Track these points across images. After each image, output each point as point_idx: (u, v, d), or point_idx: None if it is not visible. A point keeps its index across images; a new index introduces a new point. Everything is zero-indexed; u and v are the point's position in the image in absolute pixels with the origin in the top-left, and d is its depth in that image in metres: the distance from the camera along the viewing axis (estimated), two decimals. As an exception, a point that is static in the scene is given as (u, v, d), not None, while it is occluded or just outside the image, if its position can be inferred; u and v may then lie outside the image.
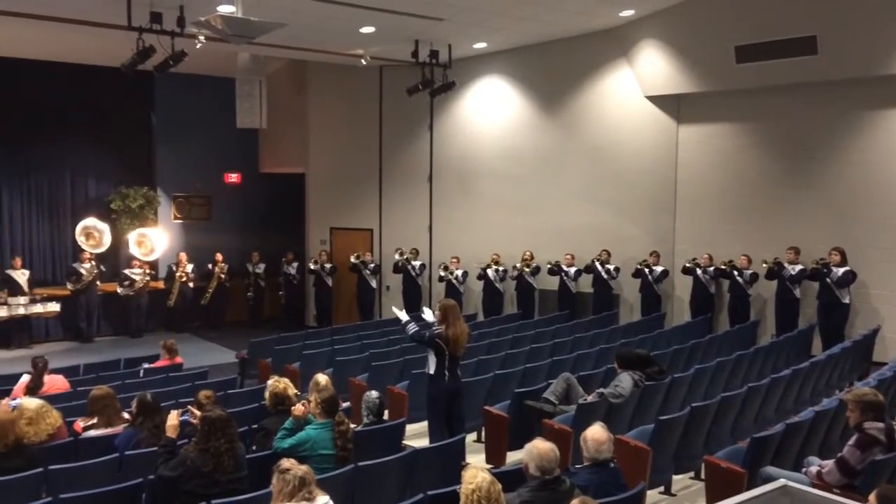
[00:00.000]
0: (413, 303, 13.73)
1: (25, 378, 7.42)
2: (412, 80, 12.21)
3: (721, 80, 10.72)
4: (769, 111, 10.76)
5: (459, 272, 13.07)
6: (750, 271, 10.68)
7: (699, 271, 11.14)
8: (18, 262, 12.70)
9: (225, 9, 8.82)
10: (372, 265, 14.03)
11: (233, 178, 15.74)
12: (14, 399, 6.56)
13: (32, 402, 5.65)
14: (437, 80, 12.17)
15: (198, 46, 10.29)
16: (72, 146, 14.05)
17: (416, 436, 7.08)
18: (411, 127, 14.15)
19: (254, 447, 5.60)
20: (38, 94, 13.28)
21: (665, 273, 11.48)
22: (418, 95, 12.39)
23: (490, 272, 12.81)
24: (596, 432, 4.36)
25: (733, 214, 11.16)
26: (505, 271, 12.84)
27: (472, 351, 8.33)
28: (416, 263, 13.67)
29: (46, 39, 11.44)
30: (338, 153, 14.75)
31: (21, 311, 12.30)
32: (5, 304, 12.17)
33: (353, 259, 13.86)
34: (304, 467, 3.87)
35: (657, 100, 11.62)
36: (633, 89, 11.80)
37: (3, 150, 13.49)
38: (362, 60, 12.66)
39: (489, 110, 13.43)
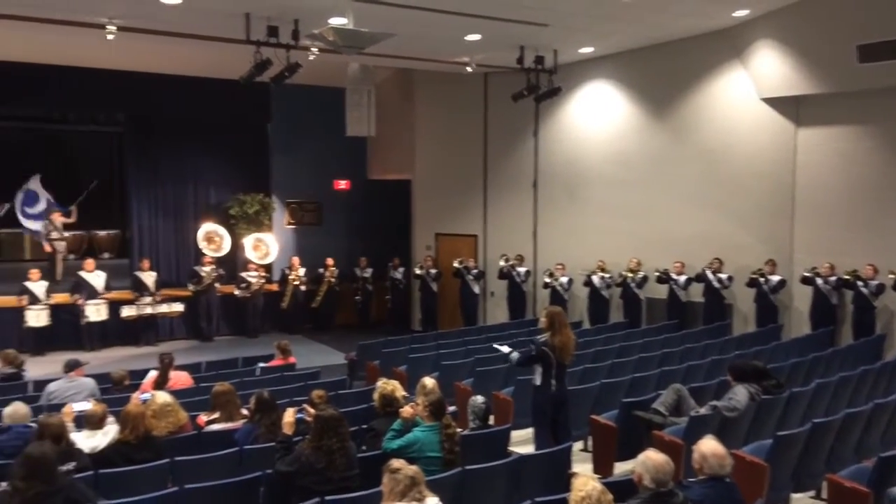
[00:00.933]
0: (517, 309, 13.73)
1: (153, 374, 7.86)
2: (517, 87, 12.22)
3: (842, 80, 10.17)
4: (894, 112, 10.15)
5: (564, 279, 12.96)
6: (876, 282, 10.07)
7: (819, 281, 10.59)
8: (147, 264, 13.49)
9: (337, 21, 9.12)
10: (475, 271, 14.10)
11: (342, 184, 16.20)
12: (144, 393, 6.98)
13: (160, 398, 5.99)
14: (542, 86, 12.13)
15: (311, 58, 10.70)
16: (195, 156, 14.87)
17: (522, 442, 7.07)
18: (516, 133, 14.16)
19: (363, 447, 5.75)
20: (164, 108, 14.10)
21: (782, 283, 10.98)
22: (523, 101, 12.39)
23: (596, 279, 12.63)
24: (714, 446, 4.22)
25: (857, 221, 10.54)
26: (611, 278, 12.64)
27: (578, 359, 8.23)
28: (521, 269, 13.65)
29: (172, 55, 12.13)
30: (443, 160, 14.94)
31: (148, 310, 13.07)
32: (134, 303, 12.96)
33: (455, 264, 13.99)
34: (413, 468, 3.93)
35: (774, 102, 11.14)
36: (748, 91, 11.37)
37: (134, 162, 14.42)
38: (467, 68, 12.79)
39: (595, 115, 13.27)
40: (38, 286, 12.29)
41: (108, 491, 4.83)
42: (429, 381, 5.92)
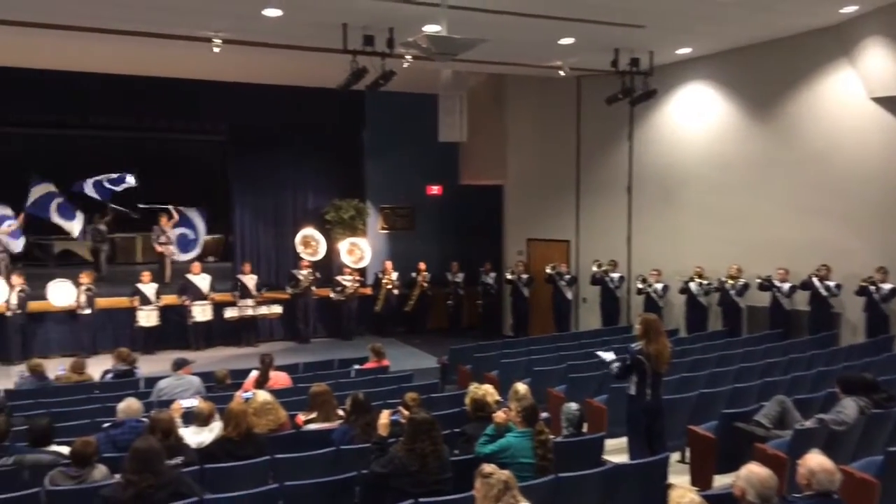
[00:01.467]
0: (611, 316, 13.51)
1: (255, 373, 8.15)
2: (611, 90, 12.04)
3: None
4: None
5: (659, 286, 12.66)
6: None
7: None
8: (248, 267, 14.01)
9: (431, 28, 9.23)
10: (567, 276, 13.97)
11: (434, 190, 16.37)
12: (246, 392, 7.25)
13: (261, 396, 6.22)
14: (637, 89, 11.90)
15: (405, 66, 10.87)
16: (293, 163, 15.34)
17: (616, 451, 6.94)
18: (610, 136, 13.95)
19: (456, 451, 5.78)
20: (264, 117, 14.60)
21: (894, 291, 10.38)
22: (617, 104, 12.19)
23: (693, 286, 12.28)
24: (823, 461, 4.04)
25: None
26: (709, 285, 12.26)
27: (674, 368, 8.03)
28: (615, 275, 13.43)
29: (272, 66, 12.56)
30: (535, 164, 14.87)
31: (249, 312, 13.57)
32: (236, 305, 13.48)
33: (548, 270, 13.89)
34: (506, 472, 3.93)
35: (884, 101, 10.55)
36: (856, 90, 10.81)
37: (237, 169, 15.01)
38: (560, 72, 12.70)
39: (693, 117, 12.92)
40: (149, 288, 12.95)
41: (213, 485, 5.04)
42: (521, 387, 5.90)
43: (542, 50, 11.76)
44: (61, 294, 12.56)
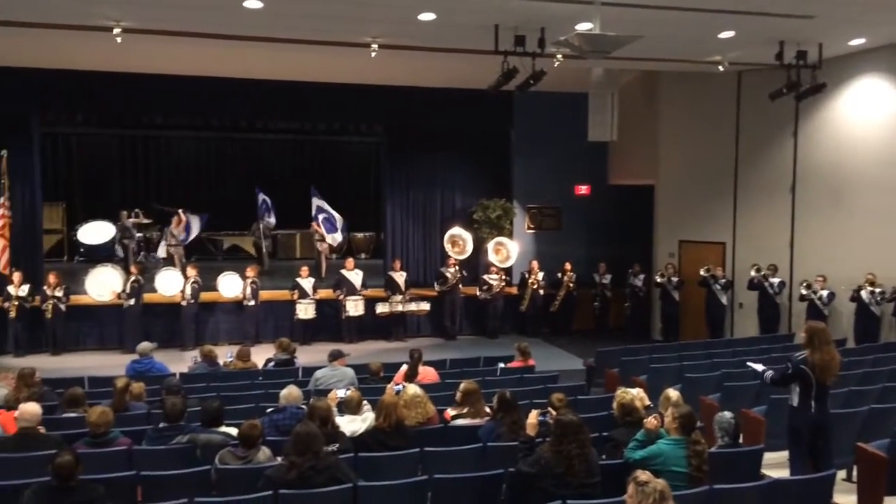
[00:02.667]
0: (769, 323, 12.82)
1: (404, 367, 8.41)
2: (775, 84, 11.40)
3: None
4: None
5: (824, 292, 11.86)
6: None
7: None
8: (398, 264, 14.44)
9: (583, 26, 9.13)
10: (723, 280, 13.37)
11: (582, 189, 16.17)
12: (396, 385, 7.49)
13: (411, 389, 6.40)
14: (804, 83, 11.20)
15: (556, 65, 10.81)
16: (443, 163, 15.65)
17: (775, 465, 6.58)
18: (772, 134, 13.20)
19: (603, 456, 5.70)
20: (416, 118, 14.95)
21: None
22: (780, 100, 11.53)
23: (864, 294, 11.40)
24: None
25: None
26: (882, 293, 11.34)
27: (841, 380, 7.49)
28: (775, 280, 12.72)
29: (424, 68, 12.89)
30: (689, 163, 14.33)
31: (399, 308, 13.97)
32: (387, 301, 13.94)
33: (702, 272, 13.36)
34: (661, 481, 3.82)
35: None
36: None
37: (390, 169, 15.51)
38: (719, 67, 12.16)
39: (865, 112, 11.97)
40: (307, 282, 13.64)
41: (365, 472, 5.25)
42: (673, 393, 5.73)
43: (700, 45, 11.31)
44: (230, 286, 13.50)
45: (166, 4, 8.96)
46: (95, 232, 14.63)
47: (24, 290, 12.36)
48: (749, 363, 7.05)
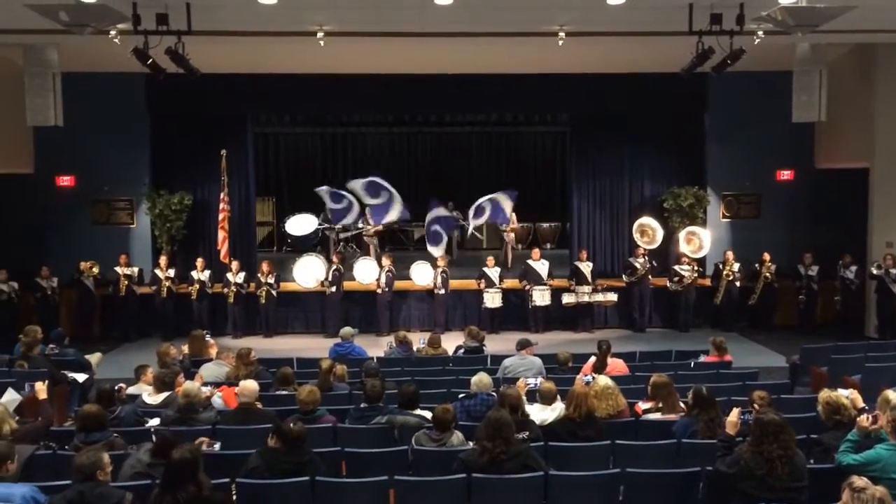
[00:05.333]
0: None
1: (593, 358, 8.33)
2: None
3: None
4: None
5: None
6: None
7: None
8: (584, 254, 14.23)
9: (788, 0, 8.51)
10: (954, 273, 11.97)
11: (785, 174, 15.09)
12: (586, 376, 7.44)
13: (602, 380, 6.34)
14: None
15: (756, 42, 10.15)
16: (630, 150, 15.24)
17: None
18: None
19: (811, 460, 5.34)
20: (603, 105, 14.66)
21: None
22: None
23: None
24: None
25: None
26: None
27: None
28: None
29: (611, 54, 12.59)
30: (912, 143, 12.93)
31: (585, 298, 13.81)
32: (573, 291, 13.84)
33: (927, 265, 12.04)
34: (881, 489, 3.53)
35: None
36: None
37: (576, 158, 15.35)
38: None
39: None
40: (493, 272, 13.86)
41: (555, 461, 5.29)
42: (892, 395, 5.24)
43: (923, 11, 10.16)
44: (422, 275, 14.04)
45: (364, 6, 9.46)
46: (301, 224, 15.77)
47: (240, 277, 13.61)
48: None
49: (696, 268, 14.13)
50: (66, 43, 11.17)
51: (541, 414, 6.13)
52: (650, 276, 14.07)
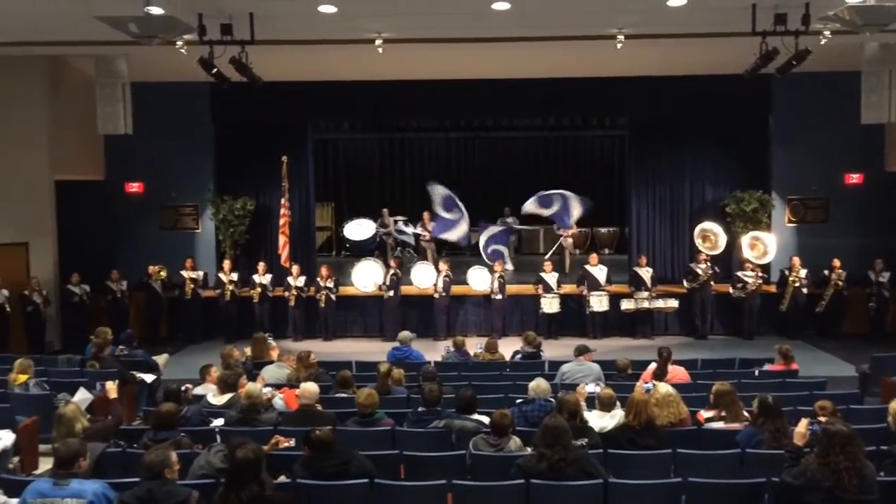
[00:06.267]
0: None
1: (653, 365, 8.20)
2: None
3: None
4: None
5: None
6: None
7: None
8: (644, 260, 14.02)
9: (856, -1, 8.26)
10: None
11: (854, 178, 14.62)
12: (646, 383, 7.34)
13: (663, 388, 6.24)
14: None
15: (822, 42, 9.89)
16: (691, 154, 14.98)
17: None
18: None
19: (881, 473, 5.15)
20: (663, 108, 14.42)
21: None
22: None
23: None
24: None
25: None
26: None
27: None
28: None
29: (670, 56, 12.39)
30: None
31: (645, 304, 13.62)
32: (632, 297, 13.66)
33: None
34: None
35: None
36: None
37: (635, 162, 15.14)
38: None
39: None
40: (551, 277, 13.78)
41: (615, 469, 5.22)
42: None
43: None
44: (479, 280, 14.04)
45: (421, 13, 9.54)
46: (359, 229, 15.97)
47: (300, 281, 13.84)
48: None
49: (760, 274, 13.78)
50: (134, 54, 11.58)
51: (600, 421, 6.07)
52: (712, 283, 13.77)
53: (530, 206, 15.33)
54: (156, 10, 7.89)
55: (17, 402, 7.52)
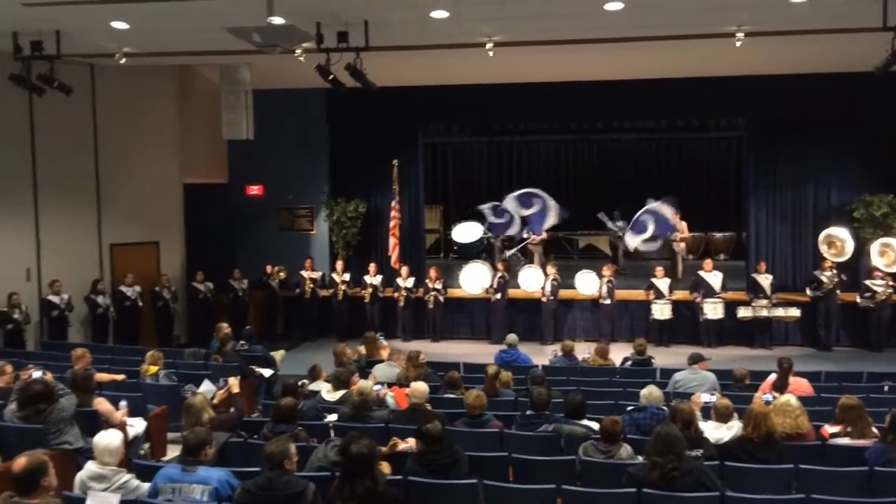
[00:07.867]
0: None
1: (772, 376, 7.86)
2: None
3: None
4: None
5: None
6: None
7: None
8: (763, 266, 13.45)
9: None
10: None
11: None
12: (765, 394, 7.03)
13: (784, 398, 5.97)
14: None
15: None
16: (815, 156, 14.20)
17: None
18: None
19: None
20: (784, 108, 13.74)
21: None
22: None
23: None
24: None
25: None
26: None
27: None
28: None
29: (791, 53, 11.84)
30: None
31: (764, 313, 13.06)
32: (750, 305, 13.12)
33: None
34: None
35: None
36: None
37: (753, 165, 14.54)
38: None
39: None
40: (663, 283, 13.43)
41: (731, 482, 5.04)
42: None
43: None
44: (587, 284, 13.87)
45: (532, 15, 9.50)
46: (466, 231, 16.09)
47: (410, 282, 14.10)
48: None
49: (890, 283, 12.94)
50: (256, 62, 12.12)
51: (716, 432, 5.87)
52: (838, 291, 13.05)
53: (633, 239, 14.65)
54: (277, 21, 8.25)
55: (149, 392, 8.02)
